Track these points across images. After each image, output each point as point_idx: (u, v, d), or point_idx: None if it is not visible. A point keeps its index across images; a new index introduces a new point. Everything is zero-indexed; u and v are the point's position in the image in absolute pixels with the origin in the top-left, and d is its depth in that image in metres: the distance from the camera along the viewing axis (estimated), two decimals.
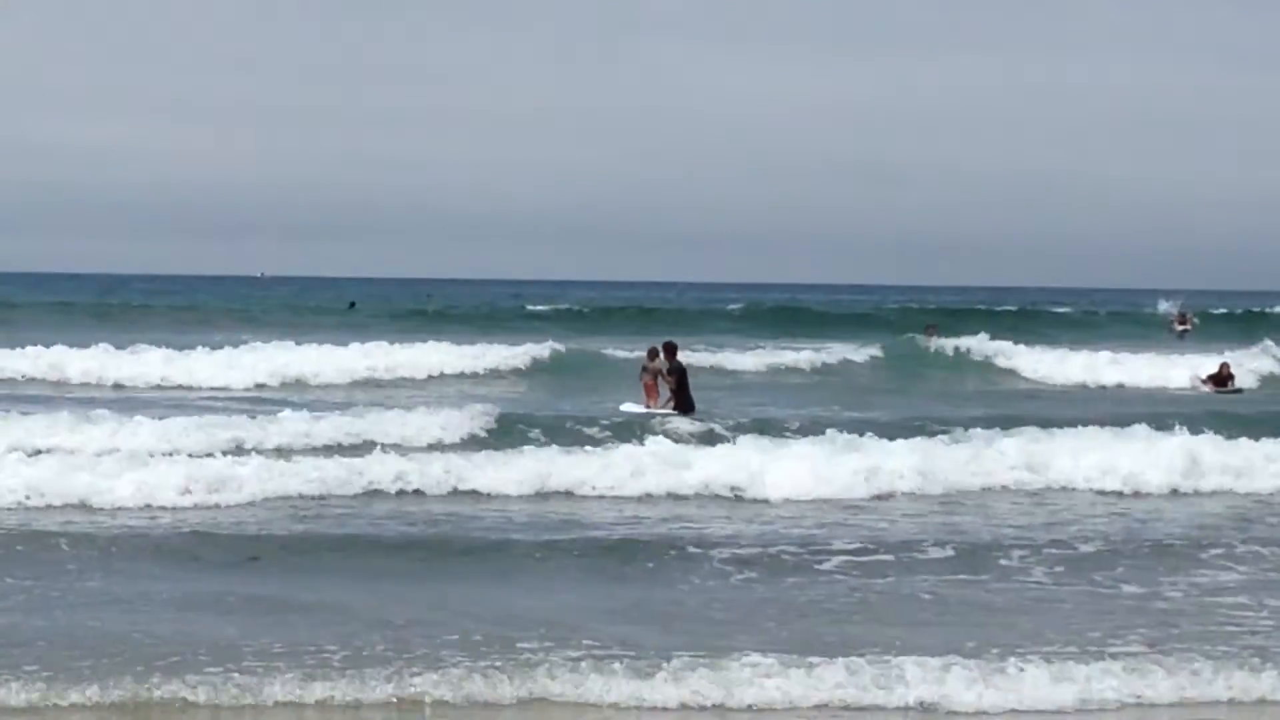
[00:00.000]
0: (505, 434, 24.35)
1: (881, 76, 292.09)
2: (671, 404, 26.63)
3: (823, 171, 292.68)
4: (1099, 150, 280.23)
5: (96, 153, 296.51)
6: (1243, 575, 16.01)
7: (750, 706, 11.60)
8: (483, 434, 24.55)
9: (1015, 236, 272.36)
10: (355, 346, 38.75)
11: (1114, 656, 12.52)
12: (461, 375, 37.93)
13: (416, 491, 20.31)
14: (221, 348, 38.17)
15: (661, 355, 27.15)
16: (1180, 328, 66.04)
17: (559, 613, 13.82)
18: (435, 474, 20.56)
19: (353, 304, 77.58)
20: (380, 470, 20.48)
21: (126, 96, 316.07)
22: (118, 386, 34.71)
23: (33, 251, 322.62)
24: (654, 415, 26.15)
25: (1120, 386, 39.61)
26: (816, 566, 16.10)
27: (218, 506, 19.12)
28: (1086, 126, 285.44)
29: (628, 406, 27.05)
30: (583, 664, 12.01)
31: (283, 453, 22.05)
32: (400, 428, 24.26)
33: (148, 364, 36.22)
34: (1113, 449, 22.59)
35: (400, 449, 22.17)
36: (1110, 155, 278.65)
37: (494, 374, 38.32)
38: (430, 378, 37.54)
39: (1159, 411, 27.25)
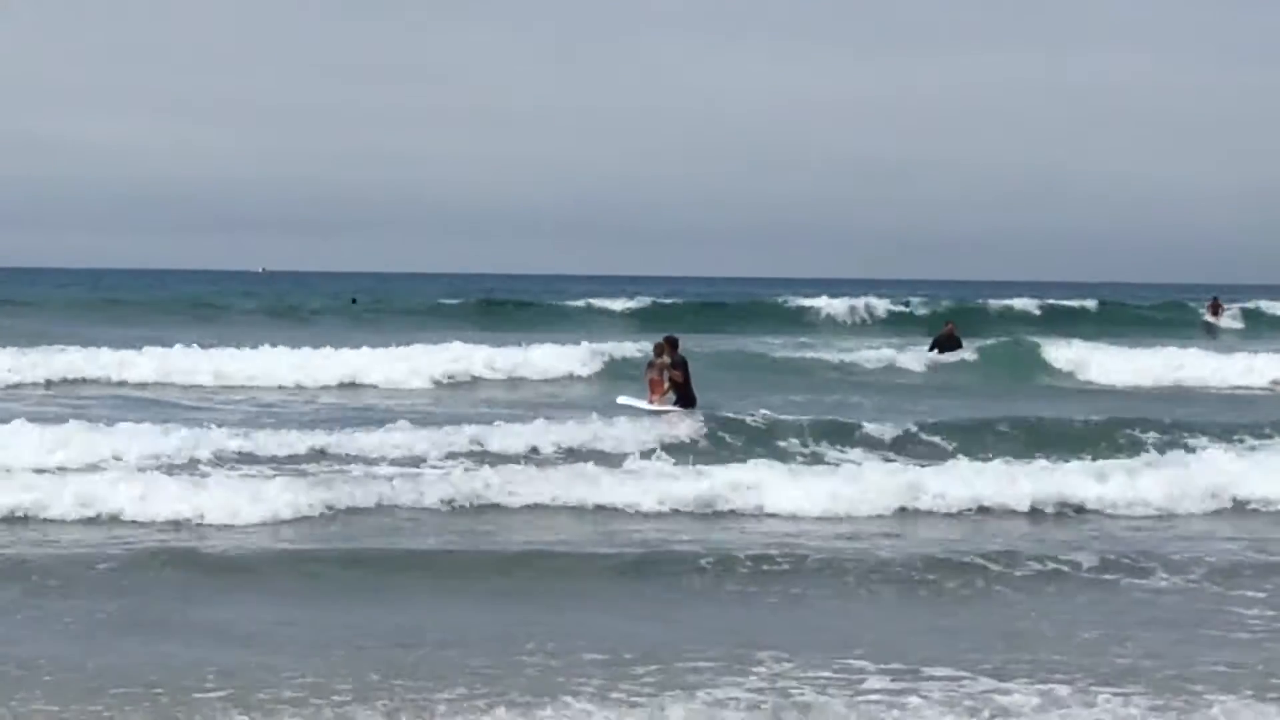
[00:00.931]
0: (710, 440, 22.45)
1: (881, 73, 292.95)
2: (673, 399, 25.86)
3: (823, 167, 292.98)
4: (1099, 146, 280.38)
5: (97, 149, 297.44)
6: None
7: None
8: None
9: (1015, 232, 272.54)
10: (439, 347, 35.54)
11: None
12: (567, 377, 34.89)
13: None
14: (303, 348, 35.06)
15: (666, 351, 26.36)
16: (1213, 318, 66.87)
17: None
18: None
19: (354, 299, 76.16)
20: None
21: (127, 94, 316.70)
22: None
23: (32, 246, 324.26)
24: (662, 411, 25.33)
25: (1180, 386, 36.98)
26: None
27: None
28: (1087, 122, 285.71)
29: (624, 400, 26.59)
30: None
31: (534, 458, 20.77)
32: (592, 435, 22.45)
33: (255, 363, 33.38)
34: None
35: (609, 457, 20.60)
36: (1110, 151, 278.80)
37: (598, 376, 35.42)
38: (514, 379, 34.48)
39: None
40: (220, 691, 10.75)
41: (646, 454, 21.08)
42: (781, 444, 22.52)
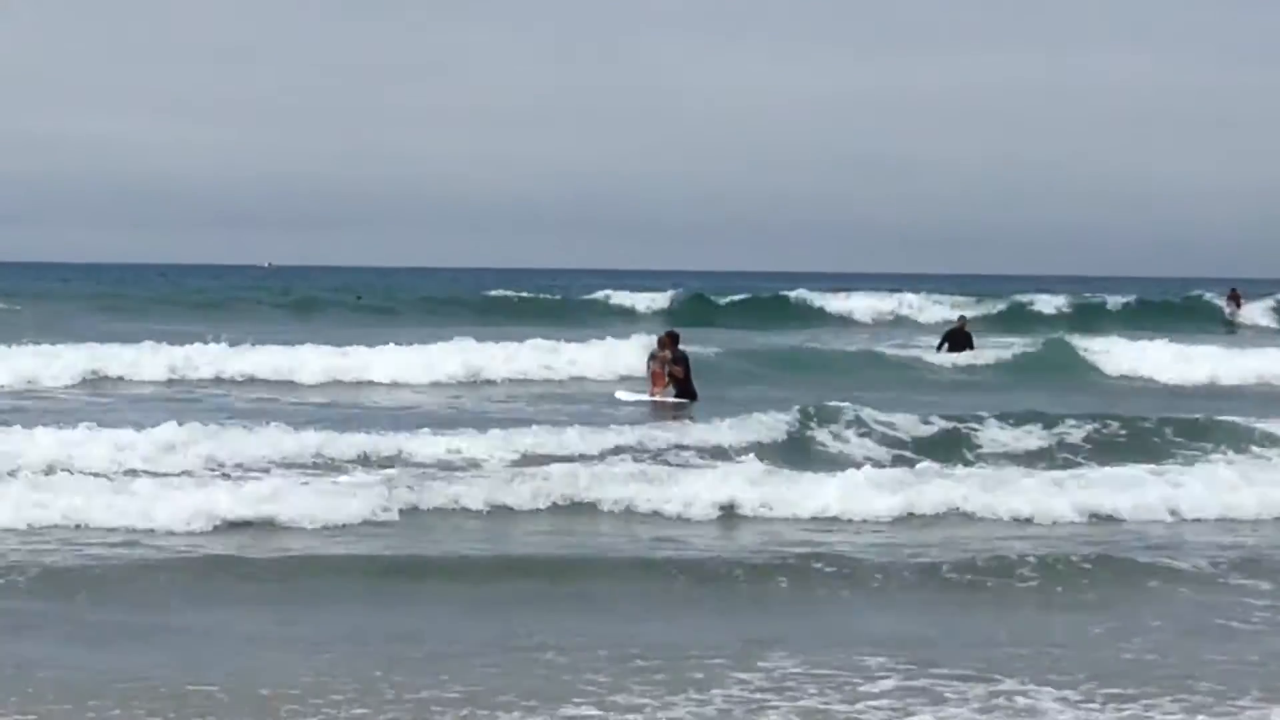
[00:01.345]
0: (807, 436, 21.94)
1: (881, 71, 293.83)
2: (674, 392, 26.19)
3: (822, 166, 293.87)
4: (1099, 146, 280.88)
5: (99, 147, 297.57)
6: None
7: None
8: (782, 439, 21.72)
9: (1015, 229, 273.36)
10: (480, 345, 33.92)
11: None
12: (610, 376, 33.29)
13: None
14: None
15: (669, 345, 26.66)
16: (1235, 308, 66.46)
17: None
18: None
19: (359, 297, 75.65)
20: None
21: (128, 94, 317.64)
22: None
23: (35, 243, 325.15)
24: (664, 402, 25.80)
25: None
26: None
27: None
28: (1087, 122, 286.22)
29: (622, 394, 26.92)
30: None
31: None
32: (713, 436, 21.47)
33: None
34: None
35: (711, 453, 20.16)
36: (1110, 150, 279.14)
37: None
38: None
39: None
40: (219, 689, 10.62)
41: (712, 454, 20.43)
42: (830, 441, 22.06)
